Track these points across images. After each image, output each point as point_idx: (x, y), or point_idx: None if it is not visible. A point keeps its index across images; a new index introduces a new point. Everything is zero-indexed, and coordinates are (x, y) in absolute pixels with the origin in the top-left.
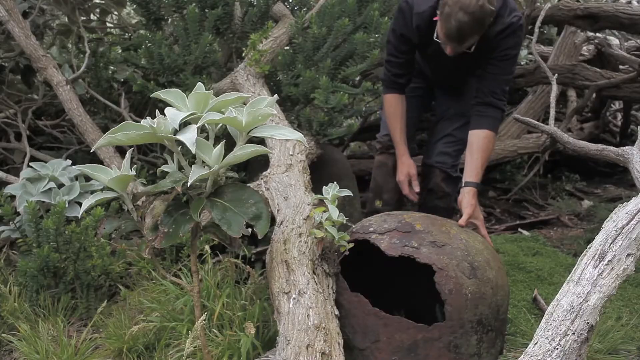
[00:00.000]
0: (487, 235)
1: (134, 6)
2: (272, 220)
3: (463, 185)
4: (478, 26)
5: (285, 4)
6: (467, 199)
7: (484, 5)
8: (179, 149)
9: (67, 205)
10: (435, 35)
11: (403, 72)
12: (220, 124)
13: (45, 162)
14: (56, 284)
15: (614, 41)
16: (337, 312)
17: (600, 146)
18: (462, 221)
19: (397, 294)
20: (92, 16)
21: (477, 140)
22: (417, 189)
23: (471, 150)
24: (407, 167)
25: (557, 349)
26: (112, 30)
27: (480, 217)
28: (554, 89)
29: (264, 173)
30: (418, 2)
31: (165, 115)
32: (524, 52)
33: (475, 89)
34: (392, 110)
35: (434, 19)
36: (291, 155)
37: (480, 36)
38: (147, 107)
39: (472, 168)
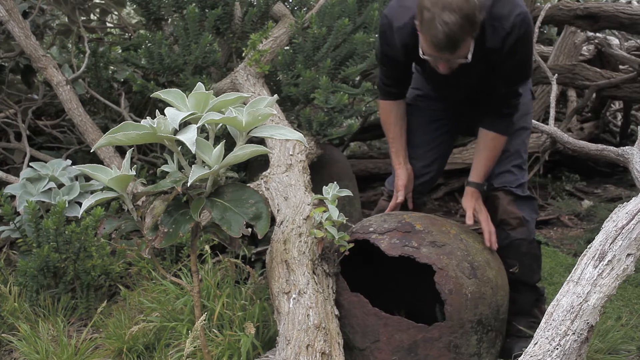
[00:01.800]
0: (493, 233)
1: (134, 6)
2: (272, 220)
3: (465, 184)
4: (469, 24)
5: (285, 4)
6: (467, 199)
7: None
8: (179, 149)
9: (67, 205)
10: (420, 52)
11: (398, 88)
12: (220, 124)
13: (45, 162)
14: (56, 284)
15: (614, 41)
16: (337, 312)
17: (600, 146)
18: (467, 220)
19: (397, 294)
20: (92, 16)
21: (485, 141)
22: (400, 197)
23: (478, 149)
24: (397, 178)
25: (557, 349)
26: (112, 30)
27: (483, 214)
28: (554, 89)
29: (264, 173)
30: (397, 15)
31: (165, 115)
32: None
33: (488, 96)
34: (386, 117)
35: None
36: (291, 155)
37: (474, 39)
38: (147, 107)
39: (475, 168)
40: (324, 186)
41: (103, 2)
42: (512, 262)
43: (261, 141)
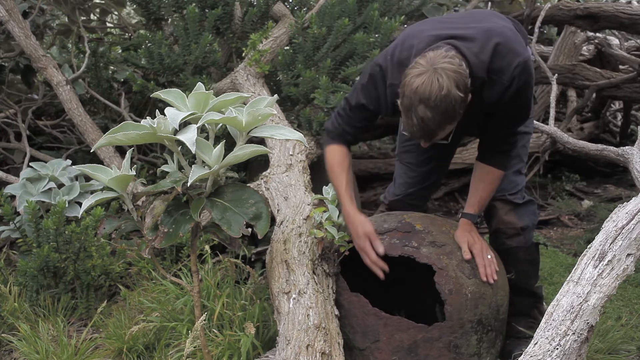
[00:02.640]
0: (488, 265)
1: (134, 6)
2: (272, 220)
3: (460, 216)
4: (447, 119)
5: (285, 4)
6: (460, 231)
7: (449, 93)
8: (179, 149)
9: (67, 205)
10: (402, 127)
11: (359, 136)
12: (220, 124)
13: (45, 162)
14: (56, 284)
15: (614, 41)
16: (337, 312)
17: (600, 146)
18: (465, 256)
19: (397, 294)
20: (92, 16)
21: (481, 173)
22: (380, 249)
23: (473, 180)
24: (361, 226)
25: (557, 349)
26: (112, 30)
27: (477, 246)
28: (554, 89)
29: (264, 173)
30: (392, 72)
31: (165, 115)
32: None
33: (485, 135)
34: (337, 162)
35: None
36: (291, 155)
37: (457, 120)
38: (147, 107)
39: (470, 198)
40: (324, 186)
41: (103, 2)
42: (508, 268)
43: (261, 141)
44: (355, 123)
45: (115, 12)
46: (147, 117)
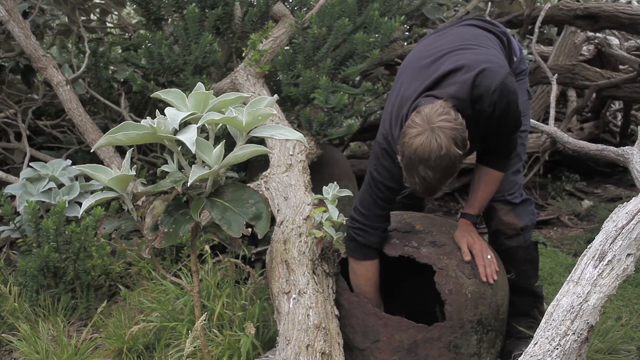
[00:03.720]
0: (488, 266)
1: (134, 6)
2: (272, 220)
3: (459, 216)
4: (447, 175)
5: (285, 4)
6: (459, 232)
7: (448, 152)
8: (179, 149)
9: (67, 205)
10: (403, 179)
11: (389, 223)
12: (220, 124)
13: (45, 162)
14: (56, 284)
15: (614, 41)
16: (337, 312)
17: (600, 146)
18: (464, 257)
19: (397, 294)
20: (92, 16)
21: (480, 174)
22: None
23: (473, 180)
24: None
25: (557, 349)
26: (112, 30)
27: (477, 247)
28: (554, 89)
29: (264, 173)
30: (394, 145)
31: (165, 115)
32: (524, 52)
33: (484, 149)
34: (372, 276)
35: None
36: (291, 155)
37: (456, 174)
38: (147, 107)
39: (470, 199)
40: (324, 186)
41: (103, 2)
42: (508, 268)
43: (261, 141)
44: (389, 210)
45: (115, 12)
46: (147, 117)
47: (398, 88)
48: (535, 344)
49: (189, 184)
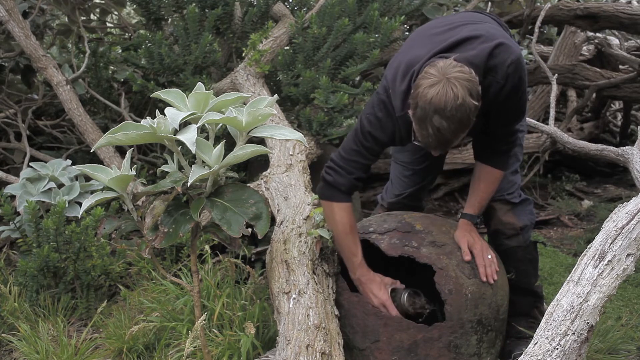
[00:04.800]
0: (488, 265)
1: (134, 6)
2: (272, 220)
3: (459, 216)
4: (462, 127)
5: (285, 4)
6: (460, 232)
7: (464, 102)
8: (179, 149)
9: (67, 205)
10: (412, 137)
11: (365, 175)
12: (220, 124)
13: (45, 162)
14: (56, 284)
15: (614, 41)
16: (337, 312)
17: (600, 146)
18: (465, 257)
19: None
20: (92, 16)
21: (480, 173)
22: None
23: (474, 181)
24: (376, 299)
25: (557, 349)
26: (112, 30)
27: (477, 246)
28: (554, 89)
29: (264, 173)
30: (397, 101)
31: (165, 115)
32: (524, 52)
33: (483, 135)
34: (350, 224)
35: None
36: (291, 155)
37: (469, 129)
38: (147, 107)
39: (470, 199)
40: None
41: (103, 2)
42: (508, 268)
43: (261, 141)
44: (369, 161)
45: (115, 12)
46: (147, 117)
47: (408, 48)
48: (535, 344)
49: (189, 184)
